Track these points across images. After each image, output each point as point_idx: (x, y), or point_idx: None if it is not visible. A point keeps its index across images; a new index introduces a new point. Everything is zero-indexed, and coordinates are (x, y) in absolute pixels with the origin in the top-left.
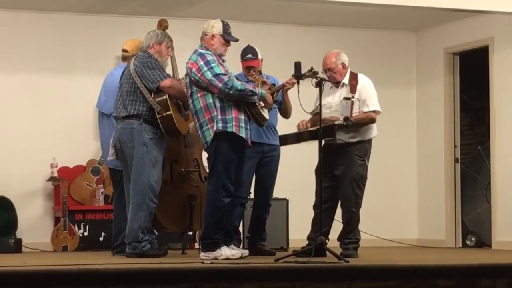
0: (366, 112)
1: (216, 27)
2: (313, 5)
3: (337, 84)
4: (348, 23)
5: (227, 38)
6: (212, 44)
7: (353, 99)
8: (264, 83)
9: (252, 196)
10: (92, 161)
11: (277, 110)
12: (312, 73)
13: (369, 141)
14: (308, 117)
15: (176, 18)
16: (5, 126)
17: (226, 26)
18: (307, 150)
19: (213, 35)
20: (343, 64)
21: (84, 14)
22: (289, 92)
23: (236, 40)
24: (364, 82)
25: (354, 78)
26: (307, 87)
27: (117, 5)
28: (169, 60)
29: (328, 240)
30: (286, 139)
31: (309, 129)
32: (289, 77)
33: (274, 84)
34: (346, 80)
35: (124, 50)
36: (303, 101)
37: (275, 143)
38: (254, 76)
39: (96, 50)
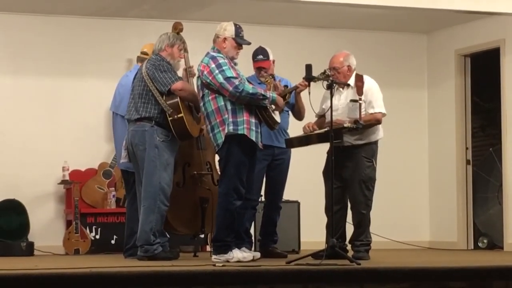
0: (371, 114)
1: (228, 30)
2: (324, 7)
3: (342, 85)
4: (359, 25)
5: (239, 41)
6: (224, 47)
7: (360, 102)
8: (275, 87)
9: (262, 198)
10: (103, 164)
11: (289, 113)
12: (325, 76)
13: (376, 143)
14: (314, 119)
15: (187, 20)
16: (17, 129)
17: (238, 29)
18: (317, 152)
19: (225, 38)
20: (349, 66)
21: (96, 17)
22: (301, 94)
23: (248, 44)
24: (370, 84)
25: (360, 80)
26: (315, 88)
27: (129, 8)
28: (182, 62)
29: (346, 245)
30: (292, 143)
31: (317, 132)
32: (301, 79)
33: (286, 86)
34: (351, 82)
35: (144, 53)
36: (313, 103)
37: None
38: (266, 79)
39: (107, 53)
